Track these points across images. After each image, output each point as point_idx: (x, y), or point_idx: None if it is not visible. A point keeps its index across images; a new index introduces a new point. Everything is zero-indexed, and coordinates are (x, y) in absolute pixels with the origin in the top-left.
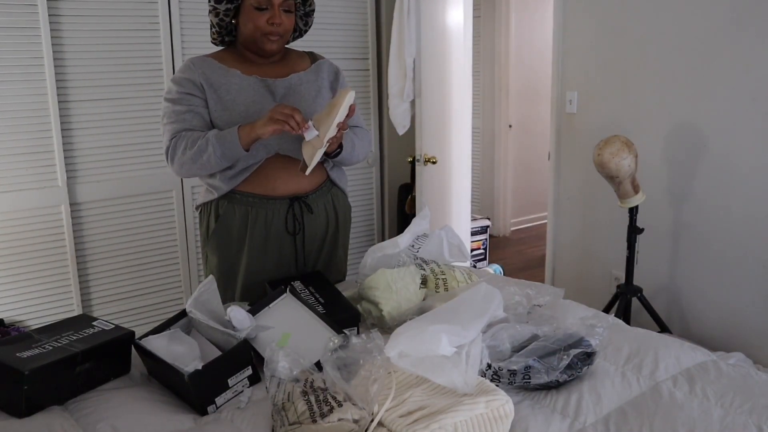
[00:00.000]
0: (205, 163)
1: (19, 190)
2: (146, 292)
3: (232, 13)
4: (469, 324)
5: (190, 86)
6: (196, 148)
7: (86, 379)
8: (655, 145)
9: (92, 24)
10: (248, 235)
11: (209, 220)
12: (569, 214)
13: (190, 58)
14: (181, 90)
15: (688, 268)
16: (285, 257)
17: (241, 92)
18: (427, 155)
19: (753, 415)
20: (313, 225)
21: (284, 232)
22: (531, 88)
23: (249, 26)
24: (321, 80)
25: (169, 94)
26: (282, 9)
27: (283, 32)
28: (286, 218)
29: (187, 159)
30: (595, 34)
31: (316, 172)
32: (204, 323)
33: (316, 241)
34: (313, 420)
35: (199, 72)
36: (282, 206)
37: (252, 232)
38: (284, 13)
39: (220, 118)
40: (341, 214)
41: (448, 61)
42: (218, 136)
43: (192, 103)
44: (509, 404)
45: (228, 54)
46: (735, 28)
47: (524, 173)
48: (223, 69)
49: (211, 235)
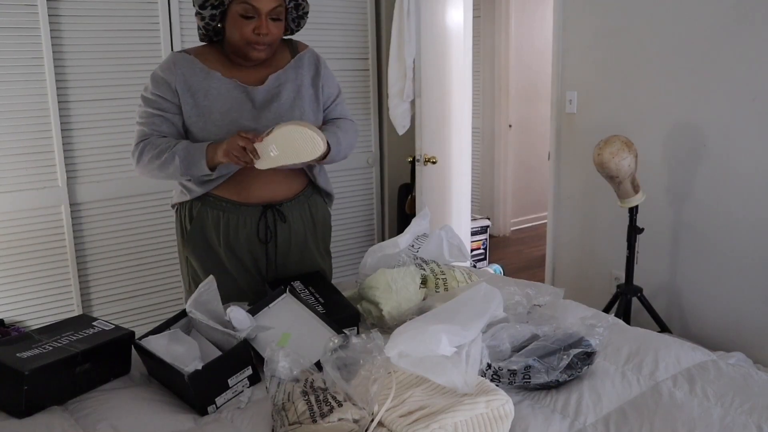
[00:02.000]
0: (171, 175)
1: (19, 190)
2: (146, 292)
3: (218, 18)
4: (469, 324)
5: (164, 89)
6: (162, 161)
7: (86, 380)
8: (655, 145)
9: (92, 24)
10: (219, 239)
11: (184, 221)
12: (569, 214)
13: (175, 52)
14: (155, 92)
15: (688, 268)
16: (257, 263)
17: (218, 98)
18: (427, 155)
19: (753, 415)
20: (286, 234)
21: (255, 239)
22: (531, 88)
23: (235, 34)
24: (301, 77)
25: (145, 91)
26: (270, 18)
27: (271, 41)
28: (258, 226)
29: (153, 168)
30: (595, 34)
31: (296, 178)
32: (204, 323)
33: (291, 249)
34: (313, 420)
35: (179, 73)
36: (254, 213)
37: (225, 237)
38: (272, 22)
39: (194, 124)
40: (319, 222)
41: (448, 61)
42: (185, 153)
43: (163, 107)
44: (509, 404)
45: (213, 51)
46: (735, 27)
47: (524, 173)
48: (204, 71)
49: (187, 237)
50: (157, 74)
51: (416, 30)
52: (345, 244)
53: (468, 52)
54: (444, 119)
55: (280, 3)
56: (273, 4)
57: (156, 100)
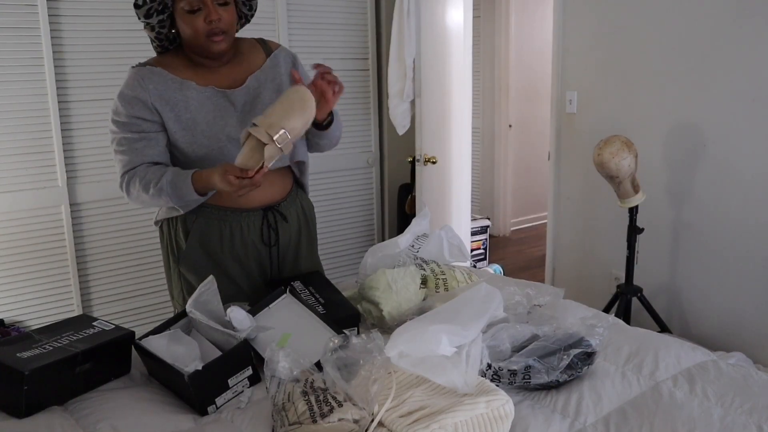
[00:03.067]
0: (164, 204)
1: (19, 190)
2: (146, 292)
3: (168, 23)
4: (469, 324)
5: (139, 108)
6: (151, 193)
7: (86, 380)
8: (655, 145)
9: (92, 24)
10: (224, 250)
11: (176, 238)
12: (569, 214)
13: (134, 68)
14: (130, 113)
15: (688, 268)
16: (262, 266)
17: (200, 109)
18: (427, 155)
19: (753, 415)
20: (287, 233)
21: (260, 243)
22: (531, 88)
23: (188, 32)
24: (279, 75)
25: (116, 115)
26: (216, 3)
27: (226, 27)
28: (261, 229)
29: (145, 200)
30: (595, 34)
31: (286, 176)
32: (204, 323)
33: (291, 247)
34: (313, 420)
35: (151, 89)
36: (256, 218)
37: (230, 247)
38: (220, 8)
39: (181, 139)
40: (309, 217)
41: (448, 61)
42: (172, 186)
43: (143, 128)
44: (509, 404)
45: (177, 59)
46: (735, 27)
47: (524, 173)
48: (177, 81)
49: (183, 254)
50: (126, 94)
51: (416, 30)
52: (345, 244)
53: (468, 52)
54: (444, 119)
55: None
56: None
57: (133, 122)
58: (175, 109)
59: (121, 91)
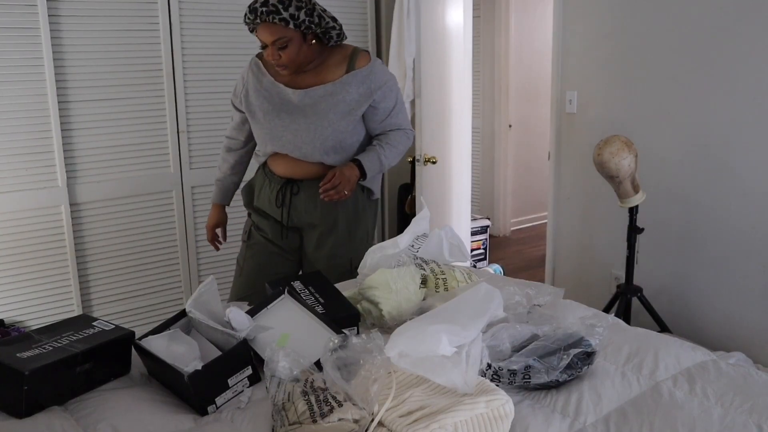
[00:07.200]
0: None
1: (19, 190)
2: (146, 292)
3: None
4: (469, 324)
5: (236, 92)
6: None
7: (86, 380)
8: (655, 145)
9: (92, 24)
10: (259, 196)
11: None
12: (569, 214)
13: (255, 54)
14: (233, 94)
15: (688, 268)
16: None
17: (263, 100)
18: (427, 155)
19: (753, 415)
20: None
21: (275, 202)
22: (531, 88)
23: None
24: (345, 94)
25: (234, 88)
26: (276, 47)
27: (286, 63)
28: (278, 193)
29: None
30: (595, 34)
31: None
32: (204, 323)
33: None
34: (313, 420)
35: (248, 75)
36: (278, 183)
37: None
38: (279, 50)
39: (251, 123)
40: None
41: (448, 61)
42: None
43: (234, 105)
44: (509, 404)
45: None
46: (735, 27)
47: (524, 173)
48: (261, 73)
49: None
50: (240, 75)
51: (416, 30)
52: None
53: (468, 52)
54: (444, 119)
55: (281, 36)
56: (271, 38)
57: (232, 100)
58: (249, 96)
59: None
